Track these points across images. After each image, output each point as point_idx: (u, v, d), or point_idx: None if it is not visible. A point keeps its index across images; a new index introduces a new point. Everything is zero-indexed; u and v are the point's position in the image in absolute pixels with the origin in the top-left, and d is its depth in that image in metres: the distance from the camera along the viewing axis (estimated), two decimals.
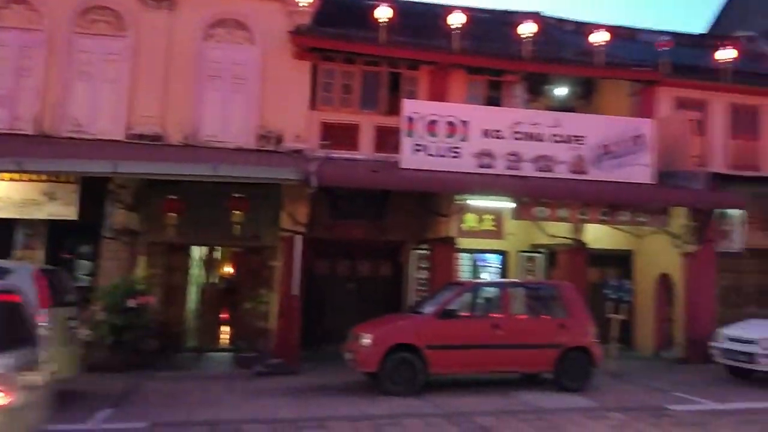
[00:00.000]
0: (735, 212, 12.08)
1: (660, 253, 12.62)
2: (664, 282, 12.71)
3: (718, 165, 13.59)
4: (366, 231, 12.39)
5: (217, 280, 14.18)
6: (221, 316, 13.42)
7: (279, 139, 11.68)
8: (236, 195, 10.78)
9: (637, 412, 8.00)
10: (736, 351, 10.02)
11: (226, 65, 11.83)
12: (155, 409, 7.57)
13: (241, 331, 11.26)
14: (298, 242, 10.50)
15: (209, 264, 13.77)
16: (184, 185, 10.50)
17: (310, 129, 11.94)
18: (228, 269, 14.46)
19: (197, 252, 13.02)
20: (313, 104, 12.24)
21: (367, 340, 8.72)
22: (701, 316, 11.92)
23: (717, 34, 19.09)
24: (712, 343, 10.59)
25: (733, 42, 15.10)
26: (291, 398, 8.41)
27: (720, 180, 12.58)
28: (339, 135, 12.07)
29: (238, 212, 10.95)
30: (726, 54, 13.56)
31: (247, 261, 11.41)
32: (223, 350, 12.24)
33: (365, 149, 12.19)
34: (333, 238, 12.17)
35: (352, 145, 12.14)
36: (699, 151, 13.08)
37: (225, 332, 13.21)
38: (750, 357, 9.73)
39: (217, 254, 14.07)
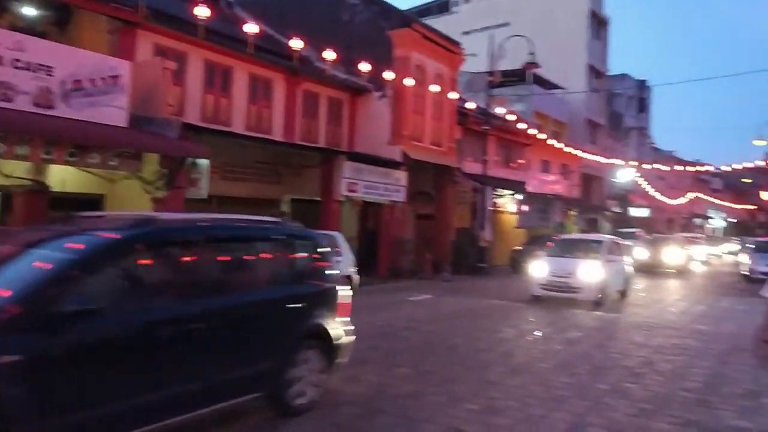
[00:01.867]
0: (203, 162, 12.98)
1: (132, 198, 12.55)
2: None
3: (192, 116, 14.43)
4: None
5: None
6: None
7: None
8: None
9: None
10: None
11: None
12: None
13: None
14: None
15: None
16: None
17: None
18: None
19: None
20: None
21: None
22: None
23: None
24: None
25: (212, 2, 16.11)
26: None
27: (193, 130, 13.31)
28: None
29: None
30: (202, 11, 14.30)
31: None
32: None
33: None
34: None
35: None
36: (174, 101, 13.57)
37: None
38: None
39: None
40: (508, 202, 26.83)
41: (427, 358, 8.31)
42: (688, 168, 47.24)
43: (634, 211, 44.73)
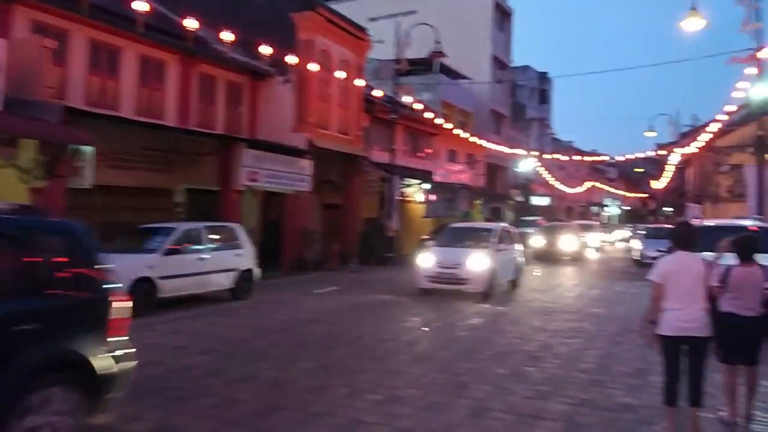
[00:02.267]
0: (87, 148, 11.97)
1: (7, 188, 11.36)
2: None
3: (76, 99, 13.30)
4: None
5: None
6: None
7: None
8: None
9: None
10: None
11: None
12: None
13: None
14: None
15: None
16: None
17: None
18: None
19: None
20: None
21: None
22: None
23: None
24: None
25: None
26: None
27: (76, 115, 12.24)
28: None
29: None
30: None
31: None
32: None
33: None
34: None
35: None
36: (55, 82, 12.42)
37: None
38: None
39: None
40: (416, 192, 27.03)
41: (330, 352, 8.08)
42: (586, 158, 49.83)
43: (536, 200, 46.66)
